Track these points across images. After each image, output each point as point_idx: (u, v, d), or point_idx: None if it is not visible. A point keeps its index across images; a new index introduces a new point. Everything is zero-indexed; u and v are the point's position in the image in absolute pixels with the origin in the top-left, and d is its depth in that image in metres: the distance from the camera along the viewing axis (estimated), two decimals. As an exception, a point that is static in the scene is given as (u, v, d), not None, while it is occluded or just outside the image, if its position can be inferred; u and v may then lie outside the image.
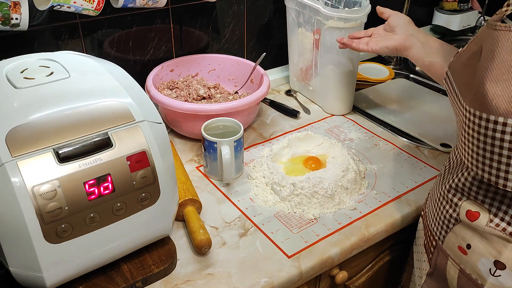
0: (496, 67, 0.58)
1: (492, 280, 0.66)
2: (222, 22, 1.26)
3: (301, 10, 1.20)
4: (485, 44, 0.60)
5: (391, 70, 1.47)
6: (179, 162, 0.99)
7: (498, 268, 0.65)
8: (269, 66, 1.39)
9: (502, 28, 0.58)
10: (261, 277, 0.77)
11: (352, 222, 0.89)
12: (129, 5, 0.97)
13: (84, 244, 0.65)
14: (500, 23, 0.58)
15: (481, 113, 0.60)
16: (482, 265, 0.67)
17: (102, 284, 0.72)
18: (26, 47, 1.00)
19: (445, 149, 1.09)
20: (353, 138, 1.14)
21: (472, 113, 0.61)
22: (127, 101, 0.69)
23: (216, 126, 1.00)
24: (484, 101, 0.59)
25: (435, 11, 1.71)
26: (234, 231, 0.86)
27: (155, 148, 0.68)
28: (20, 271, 0.64)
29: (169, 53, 1.21)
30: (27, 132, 0.62)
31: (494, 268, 0.65)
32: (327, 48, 1.16)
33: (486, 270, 0.67)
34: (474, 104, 0.61)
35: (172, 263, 0.77)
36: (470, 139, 0.63)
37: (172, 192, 0.74)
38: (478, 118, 0.60)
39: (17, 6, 0.85)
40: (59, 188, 0.61)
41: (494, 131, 0.59)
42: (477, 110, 0.60)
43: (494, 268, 0.65)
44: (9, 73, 0.72)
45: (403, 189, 0.97)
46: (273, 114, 1.24)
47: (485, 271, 0.67)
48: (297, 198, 0.90)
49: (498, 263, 0.65)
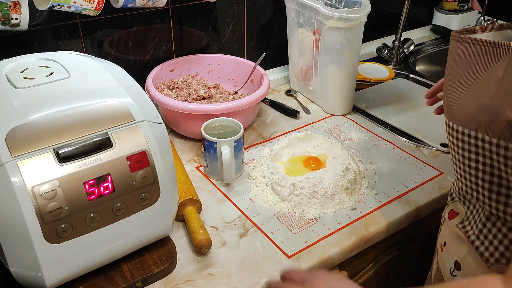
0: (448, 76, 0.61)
1: (450, 279, 0.68)
2: (222, 22, 1.26)
3: (301, 10, 1.20)
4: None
5: (391, 70, 1.47)
6: (179, 162, 0.99)
7: (455, 268, 0.67)
8: (269, 66, 1.39)
9: (454, 38, 0.60)
10: (261, 277, 0.77)
11: (352, 222, 0.89)
12: (129, 5, 0.97)
13: (84, 244, 0.65)
14: (454, 33, 0.60)
15: (448, 122, 0.63)
16: (449, 264, 0.69)
17: (102, 284, 0.72)
18: (26, 47, 1.00)
19: (445, 149, 1.09)
20: (353, 138, 1.14)
21: (447, 124, 0.64)
22: (127, 101, 0.69)
23: (216, 126, 1.00)
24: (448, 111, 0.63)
25: (435, 11, 1.71)
26: (234, 231, 0.86)
27: (155, 148, 0.68)
28: (20, 271, 0.64)
29: (169, 53, 1.21)
30: (27, 132, 0.62)
31: (453, 268, 0.67)
32: (327, 48, 1.16)
33: (449, 269, 0.69)
34: (446, 115, 0.64)
35: (172, 263, 0.77)
36: (450, 148, 0.66)
37: (172, 192, 0.74)
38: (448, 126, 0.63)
39: (17, 6, 0.85)
40: (59, 188, 0.61)
41: (457, 140, 0.62)
42: (447, 119, 0.63)
43: (453, 268, 0.67)
44: (9, 73, 0.72)
45: (403, 189, 0.97)
46: (273, 114, 1.24)
47: (448, 270, 0.69)
48: (297, 198, 0.90)
49: (456, 264, 0.67)
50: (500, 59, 0.54)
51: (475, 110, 0.57)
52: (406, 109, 1.27)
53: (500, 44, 0.54)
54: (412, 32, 1.71)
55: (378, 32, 1.62)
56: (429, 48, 1.66)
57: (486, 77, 0.56)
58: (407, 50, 1.54)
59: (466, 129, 0.60)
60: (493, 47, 0.54)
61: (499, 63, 0.54)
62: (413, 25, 1.72)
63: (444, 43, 1.69)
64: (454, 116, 0.61)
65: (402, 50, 1.53)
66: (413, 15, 1.66)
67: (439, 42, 1.69)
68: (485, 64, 0.56)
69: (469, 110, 0.58)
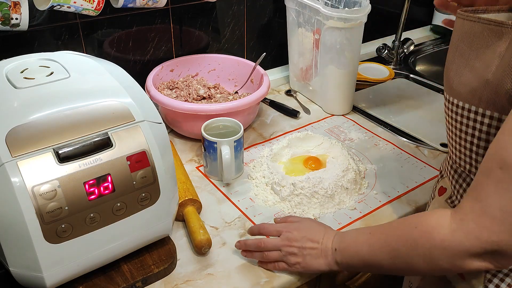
0: (451, 53, 0.64)
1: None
2: (222, 22, 1.26)
3: (301, 10, 1.20)
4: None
5: (391, 70, 1.47)
6: (179, 162, 0.99)
7: None
8: (269, 66, 1.39)
9: (459, 16, 0.62)
10: (261, 277, 0.77)
11: (352, 222, 0.89)
12: (129, 5, 0.97)
13: (84, 244, 0.65)
14: (460, 11, 0.62)
15: (449, 97, 0.65)
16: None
17: (102, 284, 0.72)
18: (26, 47, 1.00)
19: (445, 149, 1.09)
20: (353, 138, 1.14)
21: (446, 99, 0.66)
22: (127, 101, 0.69)
23: (216, 126, 1.00)
24: (449, 86, 0.65)
25: (435, 11, 1.71)
26: (234, 231, 0.86)
27: (155, 148, 0.68)
28: (20, 271, 0.64)
29: (169, 53, 1.21)
30: (27, 132, 0.61)
31: None
32: (327, 48, 1.16)
33: None
34: (446, 90, 0.66)
35: (172, 263, 0.77)
36: (447, 122, 0.69)
37: (172, 192, 0.74)
38: (448, 101, 0.66)
39: (17, 6, 0.85)
40: (59, 188, 0.61)
41: (457, 114, 0.64)
42: (447, 94, 0.65)
43: None
44: (9, 73, 0.72)
45: (403, 189, 0.97)
46: (273, 114, 1.24)
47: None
48: (297, 198, 0.90)
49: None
50: (503, 37, 0.57)
51: (477, 85, 0.60)
52: (406, 109, 1.27)
53: (503, 23, 0.57)
54: (412, 32, 1.72)
55: (378, 32, 1.62)
56: (429, 48, 1.66)
57: (489, 54, 0.59)
58: (407, 50, 1.54)
59: (466, 104, 0.62)
60: (497, 25, 0.58)
61: (501, 41, 0.57)
62: (413, 25, 1.72)
63: (444, 43, 1.69)
64: (455, 91, 0.63)
65: (402, 50, 1.53)
66: (413, 15, 1.66)
67: (439, 42, 1.69)
68: (488, 41, 0.59)
69: (471, 86, 0.61)
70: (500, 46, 0.58)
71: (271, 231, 0.79)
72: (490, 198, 0.55)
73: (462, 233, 0.57)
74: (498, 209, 0.54)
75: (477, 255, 0.57)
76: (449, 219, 0.59)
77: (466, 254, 0.57)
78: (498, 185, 0.55)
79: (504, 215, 0.54)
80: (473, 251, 0.57)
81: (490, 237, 0.55)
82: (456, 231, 0.58)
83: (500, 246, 0.55)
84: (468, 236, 0.57)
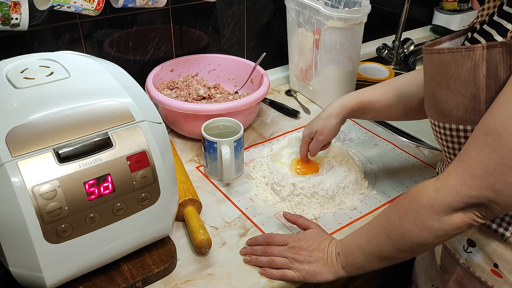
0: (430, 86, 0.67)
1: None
2: (222, 22, 1.26)
3: (301, 10, 1.20)
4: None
5: (391, 70, 1.47)
6: (179, 162, 0.99)
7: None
8: (269, 66, 1.39)
9: (427, 52, 0.65)
10: (261, 277, 0.77)
11: (352, 222, 0.89)
12: (129, 5, 0.97)
13: (84, 244, 0.65)
14: (426, 47, 0.66)
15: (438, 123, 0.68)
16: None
17: (102, 284, 0.72)
18: (26, 47, 1.00)
19: (445, 149, 1.09)
20: (353, 138, 1.14)
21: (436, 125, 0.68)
22: (127, 101, 0.69)
23: (216, 126, 1.00)
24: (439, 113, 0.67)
25: (435, 11, 1.71)
26: (234, 231, 0.86)
27: (155, 148, 0.68)
28: (20, 271, 0.64)
29: (169, 53, 1.21)
30: (27, 132, 0.61)
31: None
32: (327, 48, 1.16)
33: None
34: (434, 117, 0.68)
35: (172, 263, 0.77)
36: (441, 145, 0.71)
37: (172, 192, 0.74)
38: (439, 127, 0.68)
39: (17, 6, 0.85)
40: (59, 188, 0.61)
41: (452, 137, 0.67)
42: (435, 121, 0.68)
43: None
44: (9, 73, 0.72)
45: (403, 189, 0.97)
46: (273, 114, 1.24)
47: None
48: (297, 198, 0.90)
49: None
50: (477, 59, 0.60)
51: (468, 108, 0.62)
52: (406, 109, 1.26)
53: (473, 47, 0.59)
54: (412, 32, 1.72)
55: (378, 32, 1.62)
56: (429, 48, 1.66)
57: (470, 77, 0.61)
58: (407, 50, 1.54)
59: (460, 126, 0.64)
60: (467, 50, 0.60)
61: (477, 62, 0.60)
62: (413, 25, 1.72)
63: (444, 43, 1.69)
64: (446, 117, 0.65)
65: (402, 50, 1.53)
66: (413, 15, 1.66)
67: (439, 42, 1.69)
68: (463, 66, 0.61)
69: (463, 109, 0.63)
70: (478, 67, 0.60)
71: (278, 241, 0.80)
72: (473, 159, 0.58)
73: (445, 190, 0.61)
74: (479, 169, 0.57)
75: (460, 209, 0.60)
76: (434, 180, 0.63)
77: (450, 209, 0.60)
78: (482, 148, 0.57)
79: (485, 174, 0.57)
80: (456, 206, 0.60)
81: (470, 192, 0.58)
82: (440, 189, 0.62)
83: (480, 199, 0.58)
84: (450, 191, 0.60)
